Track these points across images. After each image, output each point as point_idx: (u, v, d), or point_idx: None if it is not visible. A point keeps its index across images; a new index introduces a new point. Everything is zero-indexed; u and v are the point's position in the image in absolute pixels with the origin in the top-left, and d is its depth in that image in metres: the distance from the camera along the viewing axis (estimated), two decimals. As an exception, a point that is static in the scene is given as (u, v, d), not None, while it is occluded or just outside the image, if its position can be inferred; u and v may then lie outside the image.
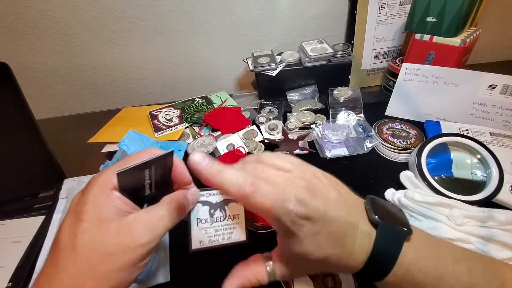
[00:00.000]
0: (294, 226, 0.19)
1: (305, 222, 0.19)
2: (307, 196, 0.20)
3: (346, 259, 0.21)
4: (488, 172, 0.37)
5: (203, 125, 0.56)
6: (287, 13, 0.62)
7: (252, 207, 0.20)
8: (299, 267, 0.22)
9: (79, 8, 0.58)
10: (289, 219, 0.19)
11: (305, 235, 0.20)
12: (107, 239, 0.20)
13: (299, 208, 0.19)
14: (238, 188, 0.19)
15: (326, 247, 0.20)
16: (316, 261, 0.21)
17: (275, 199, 0.19)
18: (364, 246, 0.21)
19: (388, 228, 0.21)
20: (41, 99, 0.70)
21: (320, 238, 0.20)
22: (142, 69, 0.68)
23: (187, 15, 0.60)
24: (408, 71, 0.49)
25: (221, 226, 0.27)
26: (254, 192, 0.19)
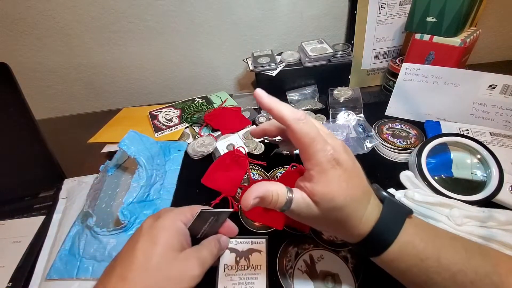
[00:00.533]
0: (327, 164, 0.22)
1: (337, 166, 0.22)
2: (343, 150, 0.23)
3: (357, 220, 0.23)
4: (488, 172, 0.37)
5: (203, 125, 0.56)
6: (287, 13, 0.62)
7: (298, 133, 0.22)
8: (314, 208, 0.23)
9: (79, 9, 0.58)
10: (325, 157, 0.22)
11: (333, 175, 0.22)
12: (171, 265, 0.23)
13: (335, 152, 0.22)
14: (293, 113, 0.22)
15: (347, 195, 0.22)
16: (331, 209, 0.22)
17: (319, 135, 0.22)
18: (373, 215, 0.23)
19: (393, 203, 0.24)
20: (41, 99, 0.70)
21: (345, 184, 0.22)
22: (142, 69, 0.68)
23: (187, 15, 0.60)
24: (408, 71, 0.49)
25: (244, 274, 0.30)
26: (305, 119, 0.22)
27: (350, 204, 0.22)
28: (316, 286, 0.30)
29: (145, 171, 0.40)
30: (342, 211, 0.22)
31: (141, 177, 0.40)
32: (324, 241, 0.34)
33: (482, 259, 0.22)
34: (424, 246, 0.22)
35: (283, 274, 0.31)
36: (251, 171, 0.45)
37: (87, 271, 0.33)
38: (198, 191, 0.43)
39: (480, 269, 0.21)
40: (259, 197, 0.22)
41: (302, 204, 0.23)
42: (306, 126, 0.22)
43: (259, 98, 0.24)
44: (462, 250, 0.22)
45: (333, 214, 0.22)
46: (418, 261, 0.22)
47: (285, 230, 0.36)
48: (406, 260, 0.22)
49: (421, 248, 0.22)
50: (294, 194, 0.23)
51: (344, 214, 0.22)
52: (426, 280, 0.22)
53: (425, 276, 0.22)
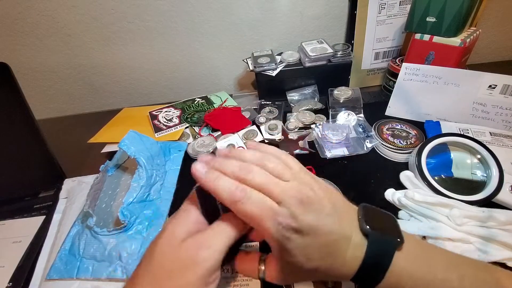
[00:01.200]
0: (283, 238, 0.19)
1: (295, 235, 0.19)
2: (300, 210, 0.20)
3: (338, 269, 0.21)
4: (488, 172, 0.37)
5: (203, 125, 0.56)
6: (287, 13, 0.62)
7: (242, 214, 0.20)
8: (290, 275, 0.22)
9: (79, 9, 0.58)
10: (278, 231, 0.19)
11: (294, 247, 0.20)
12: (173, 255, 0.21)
13: (290, 221, 0.19)
14: (228, 195, 0.20)
15: (316, 259, 0.20)
16: (306, 271, 0.21)
17: (265, 209, 0.19)
18: (356, 256, 0.21)
19: (379, 239, 0.21)
20: (41, 99, 0.70)
21: (310, 250, 0.20)
22: (142, 69, 0.68)
23: (187, 15, 0.60)
24: (408, 71, 0.49)
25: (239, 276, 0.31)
26: (241, 200, 0.20)
27: (323, 263, 0.20)
28: (316, 286, 0.30)
29: (145, 171, 0.40)
30: (317, 270, 0.21)
31: (141, 177, 0.40)
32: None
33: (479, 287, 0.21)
34: (412, 285, 0.21)
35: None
36: (251, 171, 0.45)
37: (87, 271, 0.33)
38: (198, 191, 0.43)
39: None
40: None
41: (277, 277, 0.23)
42: (248, 206, 0.20)
43: (196, 174, 0.22)
44: (456, 281, 0.21)
45: (311, 274, 0.22)
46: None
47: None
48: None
49: (409, 287, 0.21)
50: (266, 272, 0.23)
51: (320, 270, 0.21)
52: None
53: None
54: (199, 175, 0.22)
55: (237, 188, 0.20)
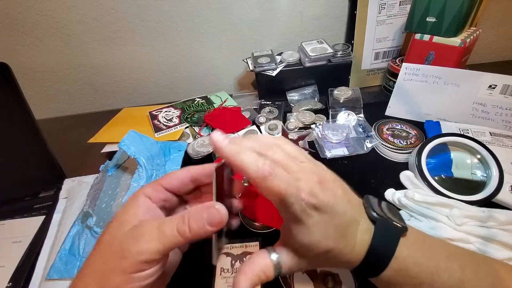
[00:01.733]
0: (303, 215, 0.20)
1: (315, 212, 0.20)
2: (319, 188, 0.20)
3: (348, 253, 0.21)
4: (488, 172, 0.37)
5: (203, 125, 0.56)
6: (287, 13, 0.62)
7: (266, 190, 0.20)
8: (303, 258, 0.22)
9: (79, 9, 0.58)
10: (300, 207, 0.19)
11: (313, 224, 0.20)
12: (115, 240, 0.21)
13: (310, 198, 0.19)
14: (256, 170, 0.19)
15: (331, 239, 0.21)
16: (320, 253, 0.21)
17: (289, 185, 0.19)
18: (364, 241, 0.21)
19: (385, 224, 0.22)
20: (41, 99, 0.70)
21: (327, 229, 0.20)
22: (142, 69, 0.68)
23: (187, 15, 0.60)
24: (408, 71, 0.49)
25: None
26: (271, 175, 0.19)
27: (337, 244, 0.21)
28: (316, 286, 0.30)
29: (145, 171, 0.40)
30: (330, 252, 0.21)
31: (141, 177, 0.39)
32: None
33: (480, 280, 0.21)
34: (418, 271, 0.21)
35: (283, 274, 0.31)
36: (251, 171, 0.45)
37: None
38: (198, 191, 0.43)
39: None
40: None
41: (291, 264, 0.22)
42: (276, 182, 0.19)
43: (216, 144, 0.20)
44: (458, 271, 0.21)
45: (322, 256, 0.21)
46: (412, 286, 0.21)
47: (285, 230, 0.36)
48: (401, 284, 0.22)
49: (414, 273, 0.21)
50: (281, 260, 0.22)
51: (333, 253, 0.21)
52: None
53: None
54: (220, 145, 0.20)
55: (265, 163, 0.20)
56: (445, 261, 0.22)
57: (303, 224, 0.20)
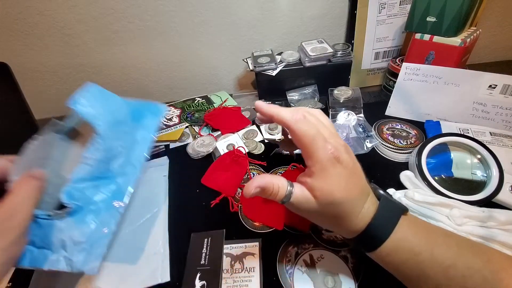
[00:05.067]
0: (329, 163, 0.23)
1: (338, 164, 0.23)
2: (344, 150, 0.24)
3: (354, 216, 0.24)
4: (488, 172, 0.37)
5: (203, 125, 0.56)
6: (287, 13, 0.62)
7: (297, 133, 0.23)
8: (312, 201, 0.24)
9: (79, 8, 0.58)
10: (326, 155, 0.23)
11: (334, 173, 0.23)
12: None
13: (336, 151, 0.23)
14: (290, 116, 0.24)
15: (346, 191, 0.23)
16: (330, 204, 0.23)
17: (318, 134, 0.23)
18: (370, 211, 0.24)
19: (389, 201, 0.25)
20: (41, 99, 0.70)
21: (344, 182, 0.23)
22: (142, 69, 0.68)
23: (187, 15, 0.60)
24: (408, 71, 0.49)
25: (239, 277, 0.31)
26: (305, 119, 0.24)
27: (347, 201, 0.23)
28: (316, 286, 0.30)
29: (103, 141, 0.31)
30: (339, 207, 0.23)
31: (97, 149, 0.31)
32: (324, 241, 0.34)
33: (474, 255, 0.22)
34: (417, 242, 0.23)
35: (283, 274, 0.31)
36: (251, 171, 0.45)
37: (23, 258, 0.27)
38: (198, 191, 0.43)
39: (472, 264, 0.22)
40: (261, 187, 0.24)
41: (301, 198, 0.24)
42: (305, 126, 0.23)
43: (259, 109, 0.26)
44: (455, 246, 0.23)
45: (331, 209, 0.23)
46: (412, 255, 0.23)
47: (285, 230, 0.36)
48: (401, 255, 0.23)
49: (414, 243, 0.23)
50: (294, 188, 0.24)
51: (341, 209, 0.23)
52: (419, 274, 0.23)
53: (418, 270, 0.23)
54: (262, 106, 0.26)
55: (298, 111, 0.24)
56: (443, 237, 0.24)
57: (324, 171, 0.23)
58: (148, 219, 0.39)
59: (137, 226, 0.39)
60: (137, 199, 0.42)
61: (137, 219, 0.39)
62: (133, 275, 0.33)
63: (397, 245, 0.23)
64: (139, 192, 0.44)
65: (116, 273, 0.34)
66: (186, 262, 0.33)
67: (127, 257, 0.35)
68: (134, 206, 0.41)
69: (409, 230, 0.24)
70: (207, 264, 0.32)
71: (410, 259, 0.23)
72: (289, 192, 0.24)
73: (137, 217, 0.40)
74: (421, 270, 0.23)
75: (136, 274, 0.33)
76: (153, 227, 0.38)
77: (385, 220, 0.24)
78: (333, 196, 0.23)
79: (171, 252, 0.35)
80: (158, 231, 0.38)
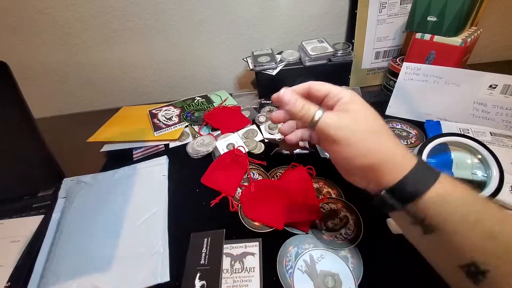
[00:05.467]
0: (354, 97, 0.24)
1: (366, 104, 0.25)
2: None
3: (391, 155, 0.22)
4: (489, 172, 0.37)
5: (203, 124, 0.56)
6: (287, 12, 0.62)
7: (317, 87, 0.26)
8: (346, 126, 0.23)
9: (78, 7, 0.57)
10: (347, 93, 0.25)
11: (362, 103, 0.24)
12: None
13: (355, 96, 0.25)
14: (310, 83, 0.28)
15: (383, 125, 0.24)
16: (370, 134, 0.23)
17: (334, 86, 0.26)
18: (410, 159, 0.22)
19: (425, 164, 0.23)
20: (40, 98, 0.69)
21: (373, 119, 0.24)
22: (141, 68, 0.68)
23: (186, 13, 0.60)
24: (408, 70, 0.49)
25: (239, 277, 0.31)
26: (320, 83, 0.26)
27: (385, 133, 0.23)
28: (316, 286, 0.30)
29: None
30: (373, 136, 0.23)
31: None
32: (324, 241, 0.34)
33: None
34: (461, 195, 0.21)
35: (283, 274, 0.31)
36: (251, 171, 0.45)
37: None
38: (198, 190, 0.43)
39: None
40: (295, 98, 0.26)
41: (334, 117, 0.24)
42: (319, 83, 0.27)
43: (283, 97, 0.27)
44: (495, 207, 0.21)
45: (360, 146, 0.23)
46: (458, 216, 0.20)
47: (285, 230, 0.35)
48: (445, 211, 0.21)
49: (458, 195, 0.21)
50: (325, 114, 0.24)
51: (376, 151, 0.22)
52: (476, 218, 0.20)
53: (475, 213, 0.20)
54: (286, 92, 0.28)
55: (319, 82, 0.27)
56: (485, 199, 0.21)
57: (354, 99, 0.24)
58: (147, 218, 0.39)
59: (136, 226, 0.39)
60: (136, 198, 0.42)
61: (137, 219, 0.39)
62: (132, 275, 0.33)
63: (442, 198, 0.21)
64: (138, 191, 0.43)
65: (115, 273, 0.33)
66: (185, 262, 0.33)
67: (126, 256, 0.35)
68: (134, 205, 0.41)
69: (451, 183, 0.21)
70: (207, 264, 0.32)
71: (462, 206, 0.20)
72: (318, 116, 0.24)
73: (136, 217, 0.40)
74: (477, 214, 0.20)
75: (136, 273, 0.33)
76: (152, 227, 0.38)
77: (426, 170, 0.22)
78: (373, 123, 0.23)
79: (170, 252, 0.35)
80: (158, 231, 0.37)
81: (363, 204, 0.37)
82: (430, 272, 0.23)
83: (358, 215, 0.36)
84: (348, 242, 0.34)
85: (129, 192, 0.43)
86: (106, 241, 0.37)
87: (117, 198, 0.43)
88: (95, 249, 0.36)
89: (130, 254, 0.35)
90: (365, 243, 0.33)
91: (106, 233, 0.38)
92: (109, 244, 0.37)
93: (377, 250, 0.32)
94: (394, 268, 0.31)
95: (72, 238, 0.38)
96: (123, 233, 0.38)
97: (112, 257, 0.35)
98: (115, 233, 0.38)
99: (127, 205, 0.42)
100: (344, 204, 0.38)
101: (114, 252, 0.35)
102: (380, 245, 0.33)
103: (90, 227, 0.39)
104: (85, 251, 0.36)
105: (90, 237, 0.38)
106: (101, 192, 0.44)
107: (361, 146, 0.23)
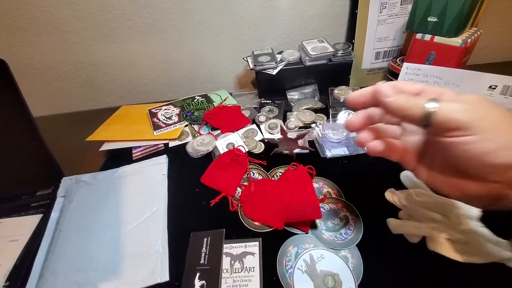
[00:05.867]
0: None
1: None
2: None
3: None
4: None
5: (203, 124, 0.55)
6: (288, 12, 0.61)
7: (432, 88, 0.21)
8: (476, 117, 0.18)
9: (77, 5, 0.57)
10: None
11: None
12: None
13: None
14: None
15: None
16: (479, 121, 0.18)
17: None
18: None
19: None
20: (39, 97, 0.69)
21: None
22: (141, 67, 0.67)
23: (186, 12, 0.60)
24: (408, 71, 0.49)
25: (239, 277, 0.31)
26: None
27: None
28: (316, 286, 0.30)
29: None
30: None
31: None
32: (324, 241, 0.34)
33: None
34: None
35: (283, 274, 0.31)
36: (251, 170, 0.44)
37: None
38: (198, 190, 0.43)
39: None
40: (396, 91, 0.21)
41: (457, 104, 0.19)
42: (401, 82, 0.24)
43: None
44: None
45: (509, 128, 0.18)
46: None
47: (285, 229, 0.35)
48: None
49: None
50: (441, 105, 0.19)
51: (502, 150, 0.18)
52: None
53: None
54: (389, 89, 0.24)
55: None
56: None
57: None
58: (147, 218, 0.39)
59: (136, 225, 0.38)
60: (136, 198, 0.42)
61: (136, 218, 0.39)
62: (131, 274, 0.33)
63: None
64: (138, 191, 0.43)
65: (114, 272, 0.33)
66: (185, 261, 0.33)
67: (125, 256, 0.35)
68: (133, 205, 0.41)
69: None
70: (207, 263, 0.32)
71: None
72: (428, 114, 0.19)
73: (136, 216, 0.39)
74: None
75: (135, 273, 0.33)
76: (152, 226, 0.38)
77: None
78: (505, 112, 0.18)
79: (170, 252, 0.35)
80: (157, 230, 0.37)
81: (363, 204, 0.37)
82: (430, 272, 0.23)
83: (358, 215, 0.36)
84: (348, 242, 0.33)
85: (128, 192, 0.43)
86: (105, 241, 0.37)
87: (116, 198, 0.42)
88: (94, 249, 0.36)
89: (129, 254, 0.35)
90: (365, 243, 0.33)
91: (105, 232, 0.38)
92: (108, 244, 0.36)
93: (377, 250, 0.32)
94: (394, 268, 0.31)
95: (71, 238, 0.38)
96: (122, 233, 0.38)
97: (111, 257, 0.35)
98: (114, 233, 0.38)
99: (126, 204, 0.41)
100: (344, 204, 0.38)
101: (113, 252, 0.35)
102: (380, 245, 0.33)
103: (89, 227, 0.39)
104: (84, 251, 0.36)
105: (89, 237, 0.38)
106: (100, 191, 0.44)
107: (504, 137, 0.18)
